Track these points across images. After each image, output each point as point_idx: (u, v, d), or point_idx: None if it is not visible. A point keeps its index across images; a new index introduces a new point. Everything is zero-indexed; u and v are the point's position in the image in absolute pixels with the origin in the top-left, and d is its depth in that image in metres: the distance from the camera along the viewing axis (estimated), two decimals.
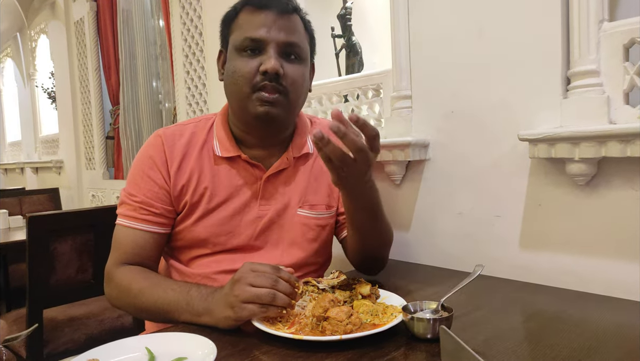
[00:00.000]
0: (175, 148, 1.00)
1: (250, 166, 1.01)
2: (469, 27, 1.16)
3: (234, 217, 1.00)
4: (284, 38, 0.93)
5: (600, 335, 0.73)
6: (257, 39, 0.92)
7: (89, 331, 1.74)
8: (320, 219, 1.06)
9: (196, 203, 0.99)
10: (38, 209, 3.35)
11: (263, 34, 0.92)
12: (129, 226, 0.97)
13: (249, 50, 0.93)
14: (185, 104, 2.36)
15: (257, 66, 0.92)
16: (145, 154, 1.00)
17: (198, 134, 1.03)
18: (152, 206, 0.97)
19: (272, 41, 0.92)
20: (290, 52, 0.95)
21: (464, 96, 1.19)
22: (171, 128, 1.03)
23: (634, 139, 0.87)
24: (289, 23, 0.94)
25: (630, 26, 0.92)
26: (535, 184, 1.07)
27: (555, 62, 1.02)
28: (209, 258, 1.00)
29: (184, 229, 1.00)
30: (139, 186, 0.98)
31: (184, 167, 0.99)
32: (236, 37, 0.95)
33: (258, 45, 0.93)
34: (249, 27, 0.93)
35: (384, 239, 1.03)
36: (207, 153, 1.01)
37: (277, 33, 0.93)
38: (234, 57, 0.95)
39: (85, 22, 3.43)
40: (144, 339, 0.75)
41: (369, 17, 1.85)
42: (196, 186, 0.98)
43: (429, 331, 0.72)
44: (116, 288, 0.95)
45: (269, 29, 0.92)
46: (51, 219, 1.60)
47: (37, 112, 5.01)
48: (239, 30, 0.95)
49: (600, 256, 0.98)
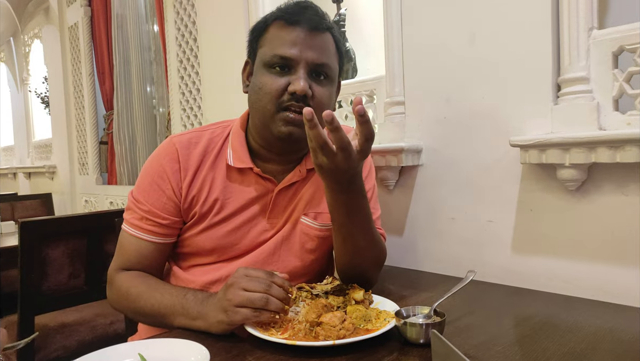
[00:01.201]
0: (190, 158, 0.97)
1: (262, 179, 0.98)
2: (461, 35, 1.18)
3: (241, 229, 0.98)
4: (314, 58, 0.89)
5: (592, 339, 0.74)
6: (287, 57, 0.88)
7: (81, 337, 1.73)
8: (322, 231, 1.01)
9: (205, 213, 0.97)
10: (30, 214, 3.33)
11: (294, 53, 0.88)
12: (133, 235, 0.96)
13: (278, 67, 0.89)
14: (179, 109, 2.36)
15: (285, 84, 0.88)
16: (158, 162, 0.97)
17: (214, 140, 1.00)
18: (158, 216, 0.95)
19: (303, 60, 0.88)
20: (320, 72, 0.91)
21: (456, 102, 1.20)
22: (187, 135, 1.00)
23: (623, 145, 0.89)
24: (320, 42, 0.90)
25: (619, 34, 0.94)
26: (527, 190, 1.08)
27: (545, 69, 1.03)
28: (208, 266, 1.00)
29: (188, 238, 0.99)
30: (148, 194, 0.96)
31: (197, 178, 0.97)
32: (265, 52, 0.91)
33: (287, 63, 0.89)
34: (279, 44, 0.89)
35: (371, 256, 0.95)
36: (221, 162, 0.99)
37: (307, 52, 0.89)
38: (262, 72, 0.91)
39: (80, 27, 3.42)
40: (136, 345, 0.75)
41: (363, 24, 1.86)
42: (207, 197, 0.96)
43: (421, 336, 0.72)
44: (117, 292, 0.95)
45: (300, 48, 0.88)
46: (43, 225, 1.59)
47: (30, 117, 4.98)
48: (269, 45, 0.91)
49: (592, 261, 0.99)
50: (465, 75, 1.17)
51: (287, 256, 1.02)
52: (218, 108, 2.08)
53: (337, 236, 0.92)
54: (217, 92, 2.08)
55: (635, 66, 0.92)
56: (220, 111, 2.06)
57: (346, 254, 0.94)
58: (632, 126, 0.92)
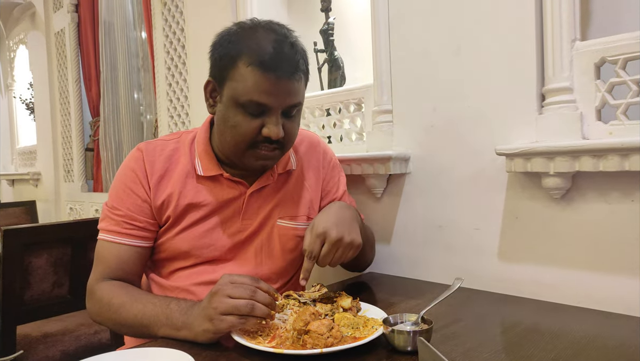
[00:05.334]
0: (155, 164, 0.99)
1: (234, 182, 1.01)
2: (447, 45, 1.19)
3: (216, 230, 1.00)
4: (289, 102, 0.91)
5: (577, 346, 0.75)
6: (263, 104, 0.89)
7: (65, 347, 1.69)
8: (299, 230, 1.06)
9: (179, 216, 0.98)
10: (13, 222, 3.26)
11: (270, 101, 0.89)
12: (112, 241, 0.96)
13: (253, 111, 0.90)
14: (167, 116, 2.35)
15: (258, 126, 0.90)
16: (128, 168, 0.99)
17: (180, 150, 1.02)
18: (135, 220, 0.96)
19: (279, 107, 0.90)
20: (292, 110, 0.94)
21: (443, 111, 1.21)
22: (153, 143, 1.02)
23: (606, 154, 0.90)
24: (295, 85, 0.91)
25: (601, 45, 0.96)
26: (513, 198, 1.10)
27: (530, 79, 1.05)
28: (189, 270, 1.00)
29: (165, 241, 0.99)
30: (122, 199, 0.97)
31: (164, 184, 0.98)
32: (238, 92, 0.89)
33: (262, 109, 0.90)
34: (254, 89, 0.88)
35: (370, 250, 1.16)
36: (189, 171, 1.00)
37: (284, 98, 0.90)
38: (234, 110, 0.91)
39: (66, 33, 3.39)
40: (122, 355, 0.74)
41: (351, 33, 1.88)
42: (177, 202, 0.98)
43: (409, 343, 0.72)
44: (98, 303, 0.93)
45: (276, 96, 0.89)
46: (26, 233, 1.56)
47: (15, 123, 4.91)
48: (242, 85, 0.88)
49: (576, 268, 1.01)
50: (452, 84, 1.19)
51: (269, 260, 1.04)
52: (205, 116, 2.07)
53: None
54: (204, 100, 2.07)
55: (617, 77, 0.94)
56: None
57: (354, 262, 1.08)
58: (614, 135, 0.94)
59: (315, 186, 1.12)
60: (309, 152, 1.14)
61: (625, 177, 0.93)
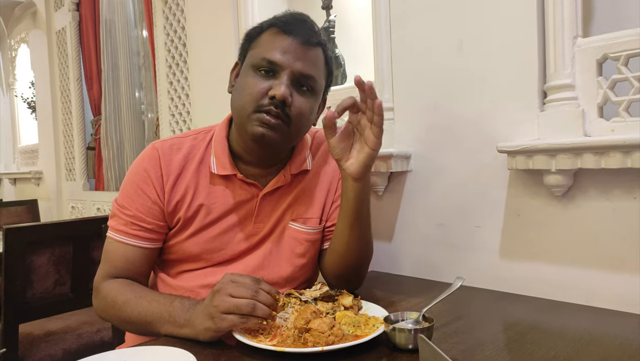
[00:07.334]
0: (172, 163, 0.97)
1: (247, 184, 0.99)
2: (449, 42, 1.19)
3: (227, 233, 0.99)
4: (300, 68, 0.91)
5: (578, 343, 0.74)
6: (274, 62, 0.90)
7: (67, 346, 1.70)
8: (310, 235, 1.03)
9: (190, 218, 0.97)
10: (15, 221, 3.28)
11: (280, 59, 0.90)
12: (120, 241, 0.95)
13: (263, 70, 0.91)
14: (168, 114, 2.35)
15: (267, 87, 0.90)
16: (141, 167, 0.98)
17: (196, 147, 1.00)
18: (143, 221, 0.95)
19: (288, 68, 0.90)
20: (304, 83, 0.93)
21: (445, 109, 1.21)
22: (169, 141, 1.01)
23: (608, 151, 0.90)
24: (310, 55, 0.93)
25: (603, 42, 0.95)
26: (514, 195, 1.09)
27: (532, 76, 1.05)
28: (196, 272, 1.00)
29: (175, 244, 0.99)
30: (132, 199, 0.96)
31: (180, 183, 0.97)
32: (254, 55, 0.93)
33: (273, 68, 0.91)
34: (269, 48, 0.91)
35: (365, 253, 1.01)
36: (204, 169, 0.99)
37: (294, 61, 0.90)
38: (248, 73, 0.93)
39: (67, 31, 3.40)
40: (124, 353, 0.74)
41: (352, 31, 1.87)
42: (191, 202, 0.97)
43: (410, 341, 0.72)
44: (103, 301, 0.94)
45: (288, 56, 0.90)
46: (28, 231, 1.56)
47: (16, 122, 4.91)
48: (259, 49, 0.93)
49: (578, 266, 1.00)
50: (454, 82, 1.18)
51: (277, 263, 1.02)
52: (207, 114, 2.08)
53: (351, 232, 0.96)
54: (206, 98, 2.07)
55: (619, 74, 0.94)
56: (209, 117, 2.05)
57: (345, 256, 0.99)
58: (616, 132, 0.93)
59: (328, 192, 1.08)
60: (329, 156, 1.09)
61: (627, 175, 0.93)
